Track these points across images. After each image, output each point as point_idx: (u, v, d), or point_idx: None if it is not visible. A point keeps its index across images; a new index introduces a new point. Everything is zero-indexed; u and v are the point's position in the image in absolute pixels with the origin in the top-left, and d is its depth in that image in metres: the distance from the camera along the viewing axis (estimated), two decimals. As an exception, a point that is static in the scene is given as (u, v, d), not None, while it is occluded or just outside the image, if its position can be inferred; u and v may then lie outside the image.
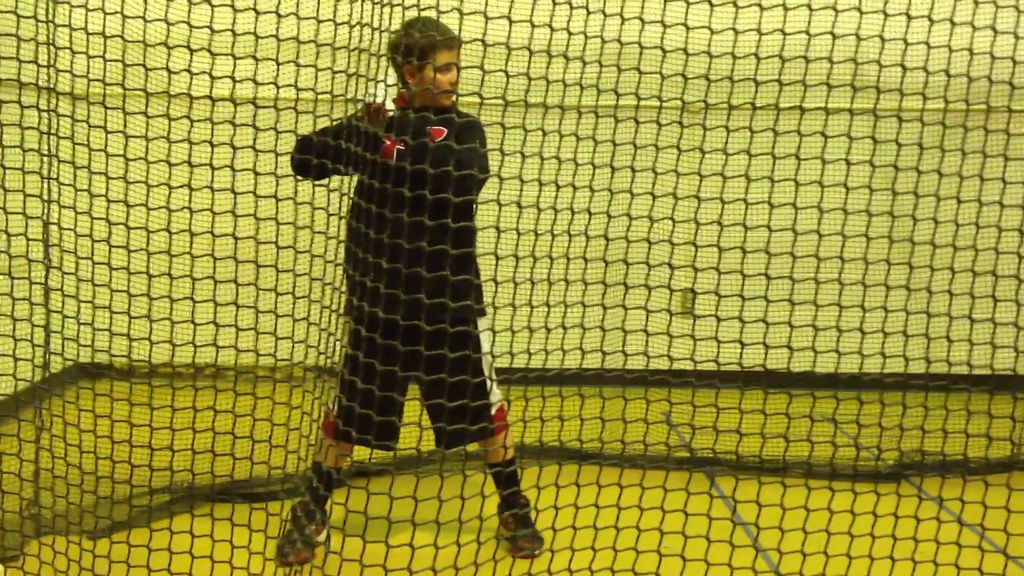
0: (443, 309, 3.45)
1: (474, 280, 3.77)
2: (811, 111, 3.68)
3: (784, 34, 3.42)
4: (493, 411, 3.91)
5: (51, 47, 3.62)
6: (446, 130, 3.72)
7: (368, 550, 3.31)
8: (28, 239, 3.63)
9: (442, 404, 3.63)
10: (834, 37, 3.44)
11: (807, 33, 3.40)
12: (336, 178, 3.62)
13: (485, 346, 3.88)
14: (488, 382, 3.88)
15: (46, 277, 3.78)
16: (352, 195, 3.68)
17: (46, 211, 3.79)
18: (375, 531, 3.38)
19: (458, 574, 3.36)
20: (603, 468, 3.73)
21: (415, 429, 3.91)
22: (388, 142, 3.62)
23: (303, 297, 3.53)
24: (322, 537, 3.97)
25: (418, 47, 3.66)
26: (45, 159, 3.72)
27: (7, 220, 3.57)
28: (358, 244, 3.51)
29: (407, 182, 3.41)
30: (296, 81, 3.49)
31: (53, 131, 3.65)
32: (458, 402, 3.57)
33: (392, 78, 3.71)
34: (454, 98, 3.86)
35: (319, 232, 3.56)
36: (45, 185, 3.77)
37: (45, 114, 3.64)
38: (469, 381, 3.57)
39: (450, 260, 3.40)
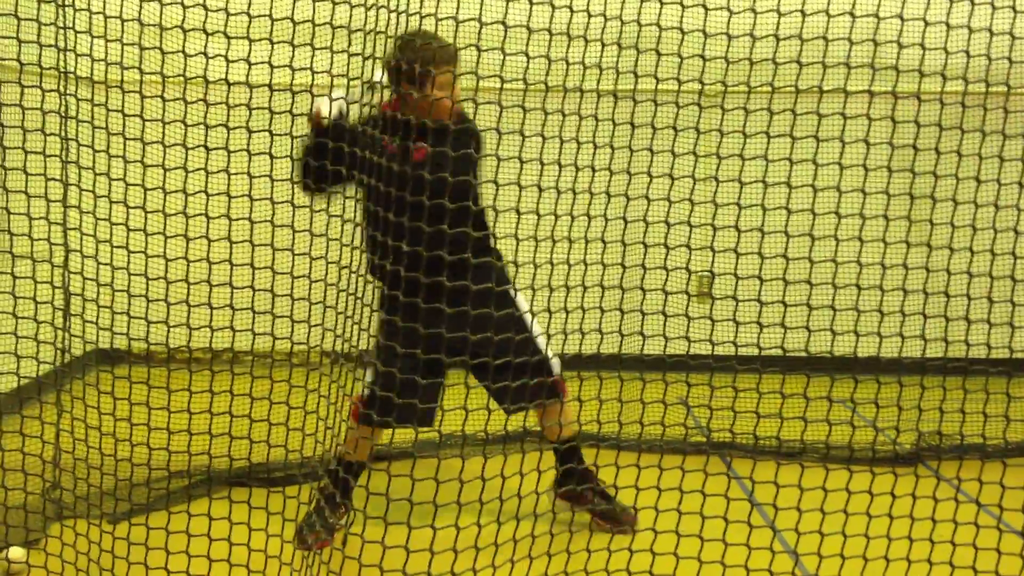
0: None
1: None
2: (830, 92, 3.66)
3: (803, 14, 3.41)
4: (555, 370, 3.95)
5: (70, 31, 3.62)
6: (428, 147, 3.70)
7: (389, 532, 3.32)
8: (49, 222, 3.64)
9: (499, 364, 3.52)
10: (853, 17, 3.43)
11: (826, 13, 3.40)
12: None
13: (524, 306, 3.93)
14: (541, 339, 3.89)
15: (65, 260, 3.79)
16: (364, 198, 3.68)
17: (65, 194, 3.80)
18: (396, 514, 3.39)
19: (478, 555, 3.37)
20: (620, 452, 3.75)
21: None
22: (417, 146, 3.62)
23: (319, 281, 3.53)
24: (343, 521, 3.99)
25: (418, 62, 3.65)
26: (64, 143, 3.72)
27: (29, 203, 3.58)
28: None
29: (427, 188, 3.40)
30: (311, 64, 3.47)
31: (72, 115, 3.64)
32: (516, 359, 3.54)
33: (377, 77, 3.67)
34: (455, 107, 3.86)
35: (335, 215, 3.56)
36: (64, 169, 3.77)
37: (64, 98, 3.64)
38: (520, 338, 3.61)
39: (471, 242, 3.43)
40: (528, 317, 3.89)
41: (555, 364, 4.02)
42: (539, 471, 3.95)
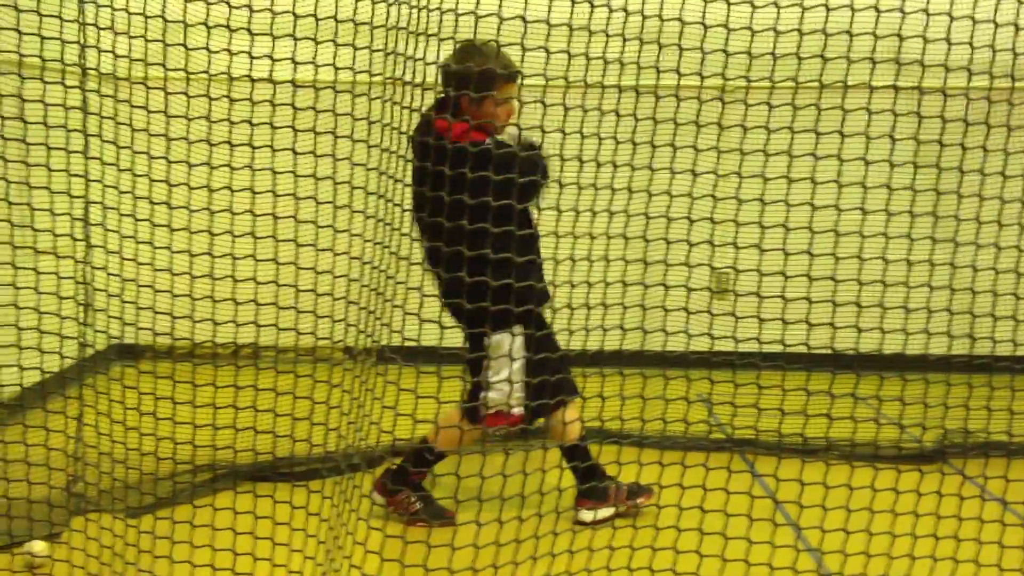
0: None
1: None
2: (854, 87, 3.63)
3: (828, 9, 3.38)
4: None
5: (93, 28, 3.63)
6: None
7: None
8: (72, 218, 3.66)
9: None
10: (877, 11, 3.40)
11: (851, 7, 3.36)
12: (374, 159, 3.61)
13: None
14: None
15: (87, 255, 3.81)
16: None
17: (87, 190, 3.82)
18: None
19: (499, 551, 3.37)
20: (643, 449, 3.73)
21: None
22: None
23: (342, 276, 3.54)
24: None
25: (478, 79, 3.61)
26: (86, 139, 3.74)
27: (51, 199, 3.60)
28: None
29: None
30: (334, 60, 3.48)
31: (94, 111, 3.66)
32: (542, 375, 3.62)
33: None
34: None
35: (358, 211, 3.56)
36: (86, 165, 3.79)
37: (86, 94, 3.67)
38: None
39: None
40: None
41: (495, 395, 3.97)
42: (561, 467, 3.95)
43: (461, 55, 3.73)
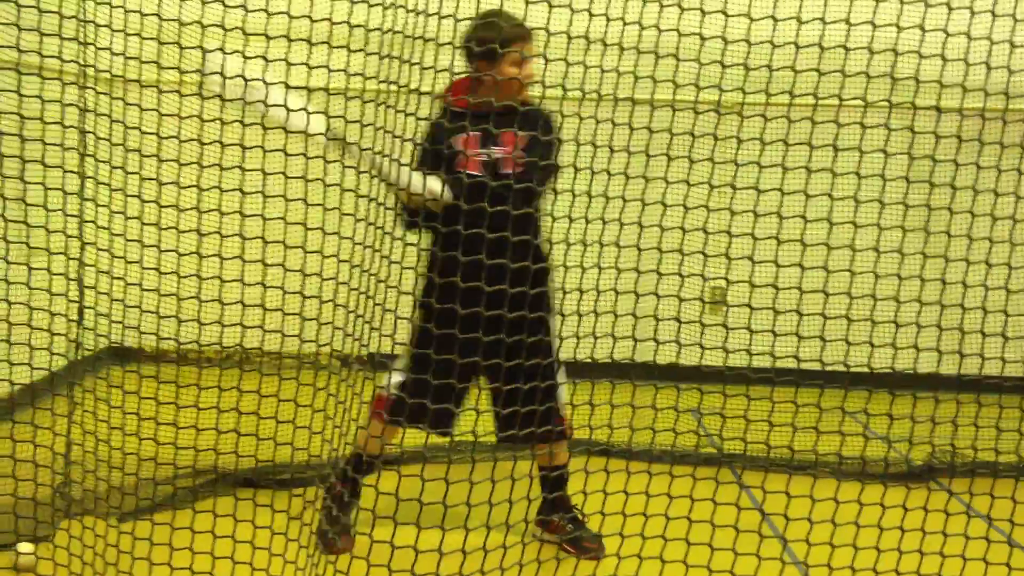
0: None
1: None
2: (848, 101, 3.65)
3: (823, 23, 3.39)
4: (561, 413, 3.90)
5: (91, 25, 3.62)
6: (519, 135, 3.70)
7: (397, 532, 3.30)
8: (66, 215, 3.63)
9: (514, 397, 3.55)
10: (873, 26, 3.41)
11: (847, 22, 3.38)
12: (365, 162, 3.60)
13: (555, 329, 3.89)
14: (558, 384, 3.87)
15: (81, 253, 3.78)
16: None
17: (82, 187, 3.80)
18: (405, 514, 3.37)
19: (487, 556, 3.35)
20: (630, 461, 3.72)
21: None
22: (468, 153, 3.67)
23: (331, 279, 3.52)
24: (353, 519, 3.98)
25: (498, 39, 3.62)
26: (83, 137, 3.72)
27: (46, 196, 3.57)
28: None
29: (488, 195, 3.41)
30: (328, 62, 3.47)
31: (91, 109, 3.64)
32: (528, 401, 3.54)
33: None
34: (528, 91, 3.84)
35: (348, 214, 3.55)
36: (82, 162, 3.77)
37: (83, 92, 3.64)
38: (542, 375, 3.58)
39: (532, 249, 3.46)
40: (556, 343, 3.87)
41: (563, 398, 3.96)
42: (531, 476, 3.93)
43: (470, 30, 3.74)
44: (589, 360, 3.55)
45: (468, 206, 3.36)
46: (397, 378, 3.83)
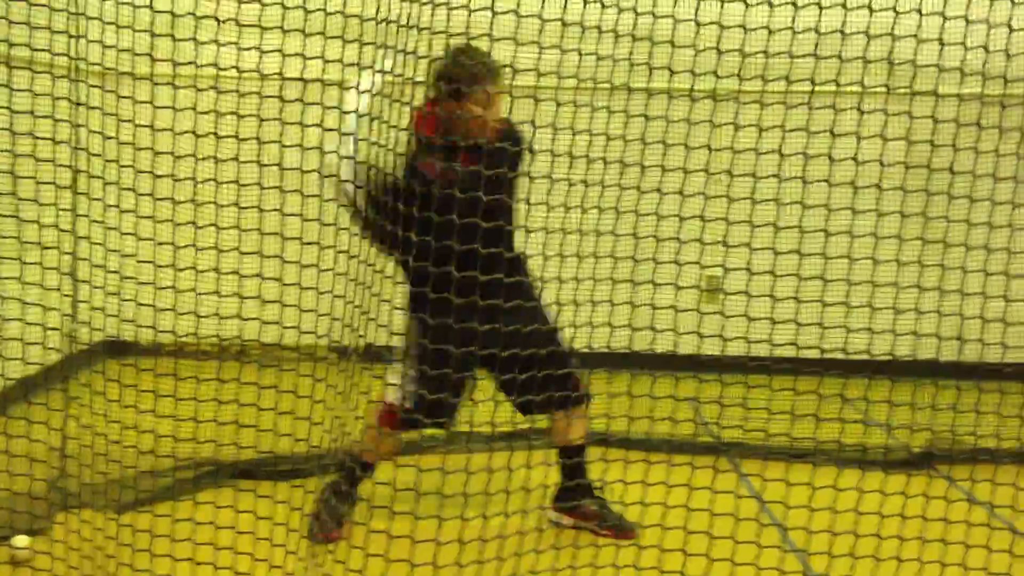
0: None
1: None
2: (846, 87, 3.63)
3: (820, 8, 3.37)
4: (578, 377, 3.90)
5: (81, 18, 3.60)
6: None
7: (395, 522, 3.30)
8: (58, 209, 3.62)
9: (525, 365, 3.53)
10: (871, 11, 3.39)
11: (843, 7, 3.35)
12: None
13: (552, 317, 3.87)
14: (566, 349, 3.86)
15: (74, 247, 3.77)
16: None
17: (75, 181, 3.79)
18: (403, 504, 3.37)
19: (485, 546, 3.35)
20: (629, 451, 3.71)
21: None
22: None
23: (328, 270, 3.51)
24: (351, 512, 3.98)
25: (464, 78, 3.62)
26: (74, 130, 3.71)
27: (37, 190, 3.56)
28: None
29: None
30: (323, 53, 3.45)
31: (82, 102, 3.63)
32: (540, 368, 3.52)
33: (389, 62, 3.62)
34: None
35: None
36: (74, 156, 3.76)
37: (74, 85, 3.63)
38: (545, 340, 3.57)
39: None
40: (551, 313, 3.85)
41: (575, 361, 3.94)
42: (548, 464, 3.92)
43: (450, 56, 3.70)
44: (587, 349, 3.54)
45: (439, 193, 3.36)
46: (409, 387, 3.81)
